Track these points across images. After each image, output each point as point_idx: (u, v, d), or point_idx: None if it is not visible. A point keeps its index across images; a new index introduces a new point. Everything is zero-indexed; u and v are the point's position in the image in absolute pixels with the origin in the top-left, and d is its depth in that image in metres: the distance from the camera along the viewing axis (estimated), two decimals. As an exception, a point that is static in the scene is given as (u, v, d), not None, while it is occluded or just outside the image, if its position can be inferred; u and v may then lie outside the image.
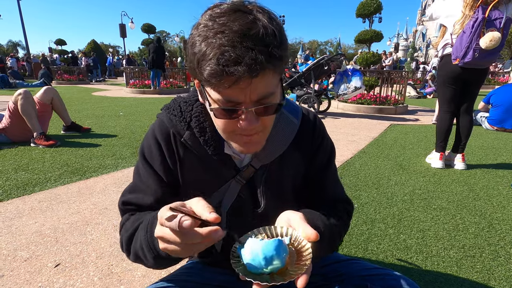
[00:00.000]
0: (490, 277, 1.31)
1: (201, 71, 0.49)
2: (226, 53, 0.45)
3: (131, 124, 4.58)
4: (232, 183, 0.68)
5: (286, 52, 0.51)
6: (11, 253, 1.42)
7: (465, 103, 2.67)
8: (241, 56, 0.45)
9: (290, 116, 0.70)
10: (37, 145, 3.20)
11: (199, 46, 0.48)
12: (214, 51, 0.46)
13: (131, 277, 1.27)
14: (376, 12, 8.02)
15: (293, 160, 0.71)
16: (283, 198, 0.72)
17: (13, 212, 1.82)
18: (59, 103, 3.64)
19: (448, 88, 2.65)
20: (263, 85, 0.50)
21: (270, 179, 0.70)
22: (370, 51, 7.74)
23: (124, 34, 21.94)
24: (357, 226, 1.72)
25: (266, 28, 0.47)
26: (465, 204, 2.04)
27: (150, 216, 0.57)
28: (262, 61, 0.46)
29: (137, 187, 0.68)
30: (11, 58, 17.48)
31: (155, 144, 0.67)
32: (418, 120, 5.64)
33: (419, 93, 10.43)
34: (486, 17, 2.25)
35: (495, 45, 2.23)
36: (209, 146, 0.65)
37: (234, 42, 0.45)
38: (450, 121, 2.74)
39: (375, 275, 0.68)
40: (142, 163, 0.69)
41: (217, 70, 0.46)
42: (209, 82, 0.49)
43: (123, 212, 0.69)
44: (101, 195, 2.09)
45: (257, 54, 0.45)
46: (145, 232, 0.55)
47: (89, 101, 7.49)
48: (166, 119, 0.67)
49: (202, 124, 0.65)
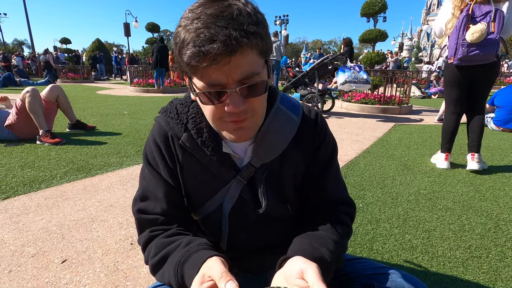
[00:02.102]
0: (497, 278, 1.30)
1: (182, 59, 0.50)
2: (201, 34, 0.47)
3: (135, 122, 4.60)
4: (233, 184, 0.68)
5: (263, 30, 0.52)
6: (18, 249, 1.44)
7: (473, 103, 2.62)
8: (215, 34, 0.46)
9: (290, 113, 0.69)
10: (43, 142, 3.23)
11: (179, 36, 0.50)
12: (191, 35, 0.48)
13: (137, 274, 1.28)
14: (380, 12, 7.95)
15: (294, 159, 0.70)
16: (284, 198, 0.71)
17: (20, 208, 1.84)
18: (64, 101, 3.66)
19: (453, 89, 2.64)
20: (244, 63, 0.50)
21: (271, 178, 0.69)
22: (374, 51, 7.69)
23: (128, 33, 22.00)
24: (362, 225, 1.71)
25: (240, 10, 0.49)
26: (471, 204, 2.03)
27: (178, 256, 0.58)
28: (237, 36, 0.47)
29: (147, 194, 0.68)
30: (17, 57, 17.62)
31: (156, 149, 0.67)
32: (422, 120, 5.60)
33: (424, 93, 10.35)
34: (470, 12, 2.28)
35: (480, 37, 2.23)
36: (207, 147, 0.64)
37: (208, 24, 0.47)
38: (455, 123, 2.70)
39: (382, 274, 0.68)
40: (148, 169, 0.69)
41: (194, 52, 0.48)
42: (191, 68, 0.50)
43: (139, 221, 0.69)
44: (106, 192, 2.10)
45: (231, 31, 0.47)
46: (175, 279, 0.57)
47: (94, 99, 7.53)
48: (163, 122, 0.67)
49: (199, 125, 0.64)
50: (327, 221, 0.66)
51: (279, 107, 0.68)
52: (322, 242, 0.59)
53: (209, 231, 0.75)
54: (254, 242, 0.75)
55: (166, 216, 0.66)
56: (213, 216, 0.71)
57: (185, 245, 0.60)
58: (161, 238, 0.65)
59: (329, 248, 0.58)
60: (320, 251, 0.57)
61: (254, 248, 0.75)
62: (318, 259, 0.53)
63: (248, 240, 0.74)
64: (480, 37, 2.22)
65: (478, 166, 2.59)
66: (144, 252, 0.67)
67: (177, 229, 0.66)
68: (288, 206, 0.72)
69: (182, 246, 0.60)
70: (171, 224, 0.67)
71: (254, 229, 0.72)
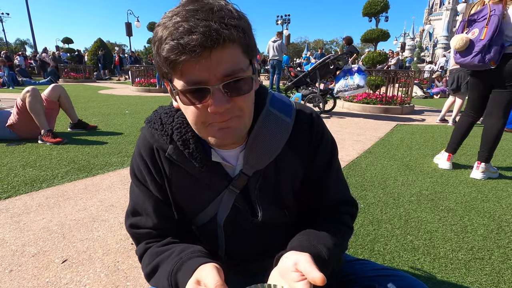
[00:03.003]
0: (500, 280, 1.29)
1: (161, 56, 0.47)
2: (180, 27, 0.45)
3: (136, 122, 4.61)
4: (225, 194, 0.65)
5: (246, 25, 0.50)
6: (19, 248, 1.44)
7: (488, 108, 2.50)
8: (194, 26, 0.44)
9: (281, 115, 0.63)
10: (45, 142, 3.23)
11: (156, 35, 0.48)
12: (170, 30, 0.46)
13: (137, 274, 1.28)
14: (383, 11, 7.95)
15: (290, 164, 0.66)
16: (281, 204, 0.69)
17: (21, 208, 1.84)
18: (66, 101, 3.67)
19: (471, 92, 2.63)
20: (227, 59, 0.47)
21: (266, 185, 0.66)
22: (376, 50, 7.67)
23: (130, 32, 22.06)
24: (363, 226, 1.70)
25: (220, 6, 0.47)
26: (474, 205, 2.01)
27: (170, 264, 0.57)
28: (217, 28, 0.44)
29: (138, 209, 0.66)
30: (19, 56, 17.69)
31: (142, 162, 0.64)
32: (424, 120, 5.58)
33: (426, 93, 10.32)
34: (467, 19, 2.33)
35: (462, 46, 2.26)
36: (195, 159, 0.60)
37: (187, 17, 0.45)
38: (468, 126, 2.66)
39: (383, 276, 0.67)
40: (136, 184, 0.67)
41: (172, 45, 0.45)
42: (169, 64, 0.47)
43: (133, 236, 0.68)
44: (107, 192, 2.10)
45: (211, 23, 0.44)
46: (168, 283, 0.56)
47: (96, 99, 7.55)
48: (148, 134, 0.63)
49: (185, 136, 0.60)
50: (327, 221, 0.65)
51: (269, 110, 0.63)
52: (320, 240, 0.57)
53: (206, 240, 0.73)
54: (252, 249, 0.73)
55: (158, 229, 0.65)
56: (209, 226, 0.69)
57: (178, 253, 0.58)
58: (155, 247, 0.63)
59: (327, 246, 0.56)
60: (318, 248, 0.55)
61: (254, 254, 0.74)
62: (315, 255, 0.52)
63: (246, 248, 0.73)
64: (463, 45, 2.26)
65: (481, 176, 2.51)
66: (141, 262, 0.66)
67: (172, 239, 0.65)
68: (286, 212, 0.70)
69: (176, 254, 0.58)
70: (165, 236, 0.66)
71: (252, 237, 0.71)
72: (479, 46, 2.20)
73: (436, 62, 16.57)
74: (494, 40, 2.16)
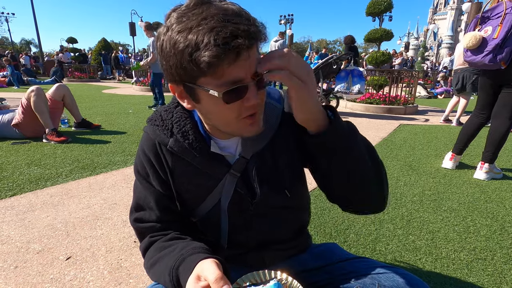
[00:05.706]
0: (502, 281, 1.28)
1: (196, 63, 0.47)
2: (220, 32, 0.45)
3: (140, 121, 4.63)
4: (227, 179, 0.67)
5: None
6: (24, 245, 1.46)
7: (496, 108, 2.45)
8: (235, 30, 0.46)
9: (273, 102, 0.70)
10: (49, 141, 3.27)
11: (185, 40, 0.47)
12: (208, 35, 0.46)
13: (140, 272, 1.29)
14: (386, 11, 7.87)
15: (286, 145, 0.70)
16: (282, 185, 0.71)
17: (26, 205, 1.86)
18: (70, 100, 3.71)
19: (481, 92, 2.57)
20: (254, 57, 0.51)
21: (264, 167, 0.68)
22: (380, 50, 7.63)
23: (133, 32, 22.11)
24: (365, 226, 1.70)
25: (238, 9, 0.50)
26: (476, 206, 2.00)
27: (172, 260, 0.59)
28: (255, 30, 0.48)
29: (141, 204, 0.70)
30: (25, 56, 17.85)
31: (145, 159, 0.68)
32: (428, 120, 5.55)
33: (430, 93, 10.25)
34: (480, 15, 2.24)
35: (475, 44, 2.18)
36: (195, 149, 0.64)
37: (222, 22, 0.46)
38: (476, 127, 2.62)
39: (384, 273, 0.68)
40: (138, 179, 0.70)
41: (218, 50, 0.45)
42: (209, 68, 0.47)
43: (138, 230, 0.71)
44: (110, 190, 2.12)
45: (247, 27, 0.47)
46: (171, 284, 0.58)
47: (99, 98, 7.60)
48: (150, 131, 0.68)
49: (184, 128, 0.65)
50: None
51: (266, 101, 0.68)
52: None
53: (208, 231, 0.75)
54: (253, 238, 0.75)
55: (162, 223, 0.68)
56: (212, 214, 0.71)
57: (180, 249, 0.61)
58: (160, 242, 0.66)
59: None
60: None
61: (254, 244, 0.75)
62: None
63: (247, 236, 0.74)
64: (475, 43, 2.18)
65: (484, 177, 2.49)
66: (144, 257, 0.68)
67: (176, 234, 0.68)
68: (286, 192, 0.71)
69: (178, 250, 0.61)
70: (169, 229, 0.69)
71: (253, 224, 0.72)
72: (492, 45, 2.13)
73: (440, 62, 16.44)
74: (507, 39, 2.09)
